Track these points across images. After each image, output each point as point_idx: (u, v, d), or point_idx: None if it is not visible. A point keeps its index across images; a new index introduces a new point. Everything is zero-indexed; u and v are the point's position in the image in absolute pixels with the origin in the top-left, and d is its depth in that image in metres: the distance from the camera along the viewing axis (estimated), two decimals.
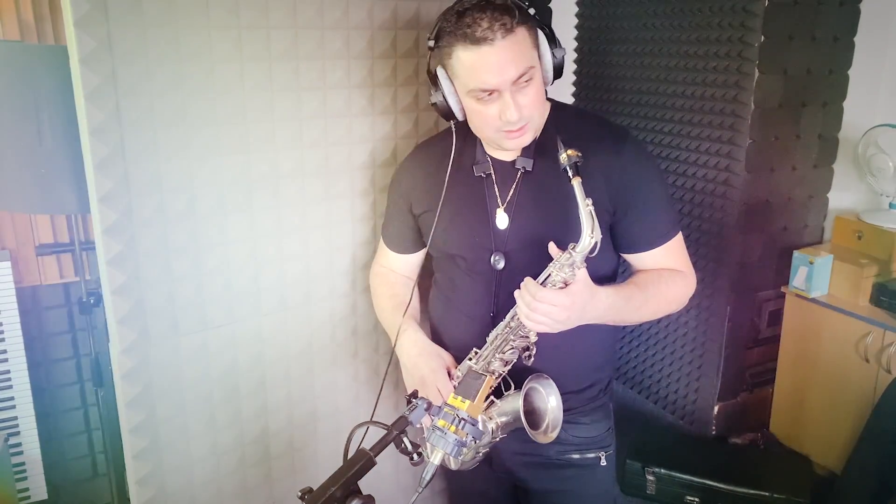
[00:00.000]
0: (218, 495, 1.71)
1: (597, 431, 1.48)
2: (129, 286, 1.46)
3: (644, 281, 1.37)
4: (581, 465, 1.47)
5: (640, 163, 1.36)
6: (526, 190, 1.37)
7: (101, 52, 1.32)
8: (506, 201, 1.38)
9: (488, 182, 1.40)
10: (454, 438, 1.16)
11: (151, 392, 1.55)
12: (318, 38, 1.58)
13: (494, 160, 1.41)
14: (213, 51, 1.45)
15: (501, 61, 1.20)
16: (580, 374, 1.45)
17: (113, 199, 1.40)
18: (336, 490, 1.02)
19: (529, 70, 1.23)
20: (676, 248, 1.41)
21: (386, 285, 1.60)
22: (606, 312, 1.29)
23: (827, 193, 2.90)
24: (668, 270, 1.39)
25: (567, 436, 1.43)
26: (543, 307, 1.19)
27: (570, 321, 1.23)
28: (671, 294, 1.38)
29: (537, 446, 1.39)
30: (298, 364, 1.77)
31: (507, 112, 1.23)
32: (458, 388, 1.26)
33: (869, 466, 2.33)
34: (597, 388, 1.48)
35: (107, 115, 1.35)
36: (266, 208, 1.61)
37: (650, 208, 1.36)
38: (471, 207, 1.42)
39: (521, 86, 1.23)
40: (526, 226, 1.36)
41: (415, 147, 1.58)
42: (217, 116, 1.49)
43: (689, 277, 1.42)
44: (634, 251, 1.40)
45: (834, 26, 2.63)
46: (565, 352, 1.38)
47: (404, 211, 1.53)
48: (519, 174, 1.37)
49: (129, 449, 1.55)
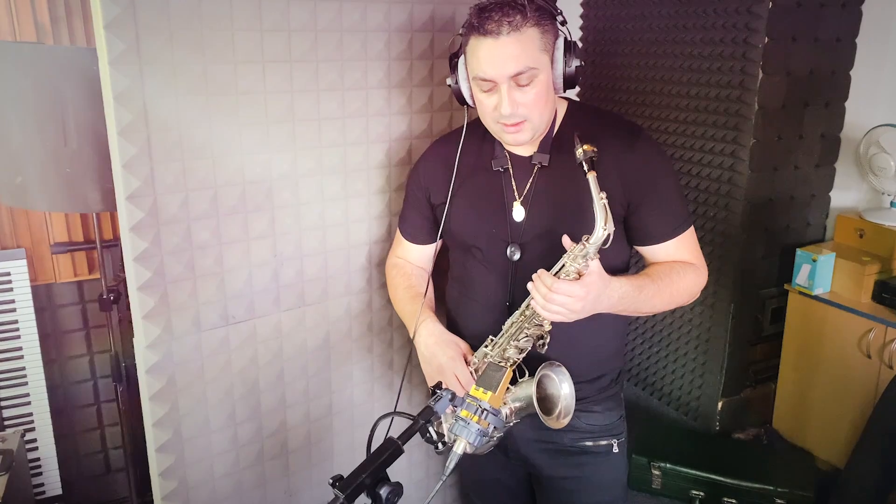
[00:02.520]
0: (237, 487, 1.75)
1: (609, 419, 1.53)
2: (154, 283, 1.50)
3: (656, 272, 1.41)
4: (594, 451, 1.52)
5: (654, 158, 1.41)
6: (542, 184, 1.43)
7: (129, 55, 1.35)
8: (522, 195, 1.43)
9: (506, 176, 1.46)
10: (477, 428, 1.19)
11: (174, 386, 1.58)
12: (336, 40, 1.62)
13: (512, 155, 1.46)
14: (236, 52, 1.49)
15: (502, 56, 1.27)
16: (592, 364, 1.50)
17: (139, 198, 1.44)
18: (366, 477, 1.06)
19: (530, 70, 1.28)
20: (689, 241, 1.45)
21: (402, 276, 1.64)
22: (619, 301, 1.33)
23: (829, 192, 2.93)
24: (679, 263, 1.44)
25: (581, 423, 1.49)
26: (559, 297, 1.24)
27: (584, 310, 1.28)
28: (683, 285, 1.42)
29: (552, 434, 1.43)
30: (315, 359, 1.80)
31: (501, 105, 1.30)
32: (479, 379, 1.30)
33: (871, 461, 2.35)
34: (608, 378, 1.53)
35: (135, 116, 1.39)
36: (286, 206, 1.65)
37: (663, 202, 1.41)
38: (488, 200, 1.47)
39: (521, 83, 1.29)
40: (541, 218, 1.42)
41: (435, 140, 1.64)
42: (239, 116, 1.53)
43: (700, 270, 1.46)
44: (647, 244, 1.44)
45: (836, 28, 2.67)
46: (578, 343, 1.43)
47: (422, 201, 1.58)
48: (535, 169, 1.43)
49: (153, 442, 1.59)
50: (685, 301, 1.46)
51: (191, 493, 1.67)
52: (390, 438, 1.11)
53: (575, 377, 1.41)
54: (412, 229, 1.64)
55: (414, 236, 1.64)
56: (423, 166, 1.59)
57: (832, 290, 2.70)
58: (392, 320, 1.91)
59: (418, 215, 1.60)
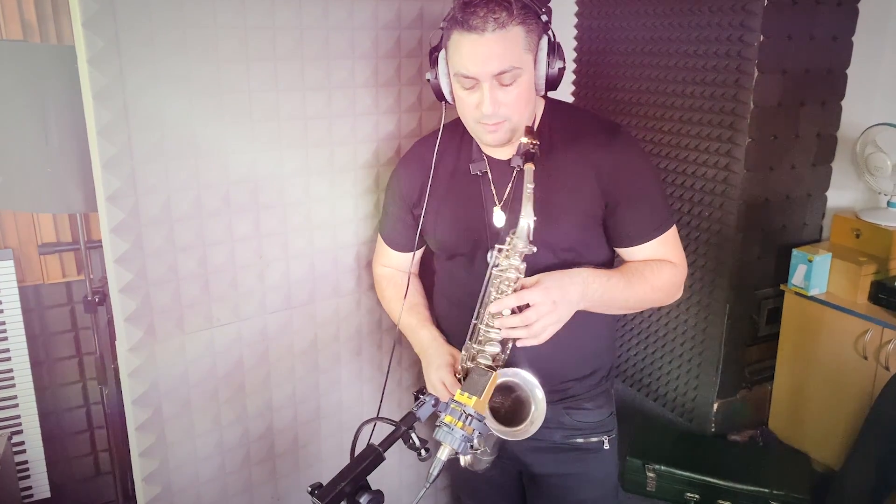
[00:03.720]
0: (223, 492, 1.72)
1: (600, 416, 1.52)
2: (136, 285, 1.47)
3: (627, 267, 1.40)
4: (585, 448, 1.51)
5: (632, 156, 1.39)
6: (522, 188, 1.38)
7: (108, 53, 1.33)
8: (503, 199, 1.41)
9: (484, 180, 1.43)
10: (461, 434, 1.17)
11: (158, 390, 1.56)
12: (322, 38, 1.59)
13: (490, 158, 1.44)
14: (220, 50, 1.46)
15: (486, 53, 1.23)
16: (582, 362, 1.49)
17: (120, 198, 1.41)
18: (346, 485, 1.04)
19: (514, 70, 1.25)
20: (670, 241, 1.42)
21: (394, 288, 1.63)
22: (586, 288, 1.30)
23: (825, 192, 2.92)
24: (655, 260, 1.41)
25: (572, 421, 1.48)
26: (531, 315, 1.23)
27: (562, 309, 1.26)
28: (658, 281, 1.39)
29: (543, 431, 1.41)
30: (303, 362, 1.78)
31: (482, 104, 1.27)
32: (465, 384, 1.27)
33: (868, 463, 2.34)
34: (599, 375, 1.52)
35: (114, 115, 1.36)
36: (271, 207, 1.62)
37: (642, 202, 1.38)
38: (467, 205, 1.45)
39: (504, 83, 1.26)
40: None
41: (413, 144, 1.60)
42: (223, 116, 1.50)
43: (678, 267, 1.43)
44: (627, 245, 1.42)
45: (832, 26, 2.65)
46: (566, 342, 1.39)
47: (403, 208, 1.55)
48: (515, 172, 1.40)
49: (136, 446, 1.56)
50: (664, 299, 1.44)
51: (175, 497, 1.64)
52: (371, 445, 1.09)
53: (565, 376, 1.41)
54: (394, 235, 1.61)
55: (396, 243, 1.61)
56: (402, 170, 1.56)
57: (828, 290, 2.68)
58: (381, 322, 1.89)
59: (399, 221, 1.58)
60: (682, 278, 1.44)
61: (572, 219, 1.38)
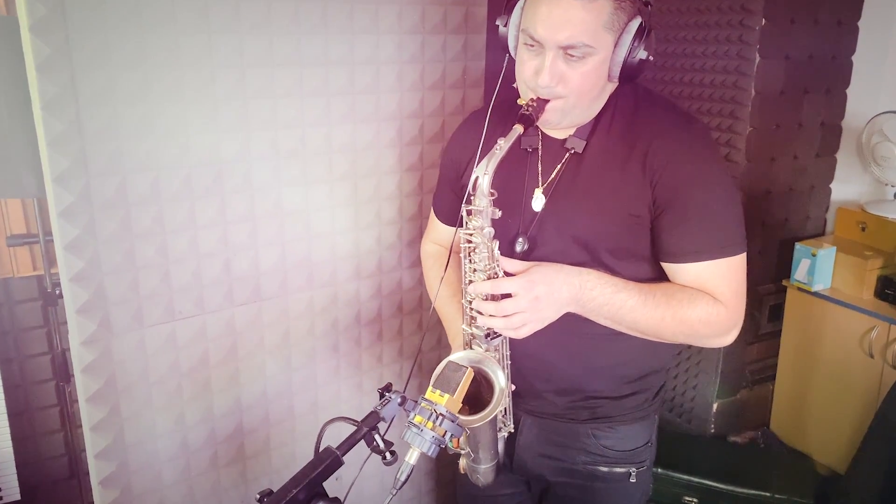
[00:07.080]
0: (189, 496, 1.63)
1: (632, 445, 1.36)
2: (88, 273, 1.37)
3: (656, 286, 1.21)
4: (607, 479, 1.36)
5: (699, 158, 1.20)
6: (571, 173, 1.25)
7: (53, 20, 1.23)
8: (547, 181, 1.27)
9: (532, 158, 1.29)
10: (431, 436, 1.05)
11: (114, 387, 1.46)
12: (292, 9, 1.49)
13: (545, 135, 1.29)
14: (178, 20, 1.36)
15: (560, 19, 1.09)
16: (620, 379, 1.32)
17: (69, 180, 1.31)
18: (299, 492, 0.93)
19: (585, 48, 1.11)
20: (721, 272, 1.20)
21: (440, 267, 1.43)
22: (582, 293, 1.17)
23: (830, 183, 2.84)
24: (696, 289, 1.20)
25: (596, 445, 1.33)
26: (508, 307, 1.13)
27: (543, 305, 1.15)
28: (685, 314, 1.18)
29: (564, 451, 1.32)
30: (274, 358, 1.68)
31: (541, 73, 1.14)
32: (436, 381, 1.16)
33: (875, 466, 2.27)
34: (641, 398, 1.35)
35: (61, 89, 1.26)
36: (237, 192, 1.52)
37: (698, 213, 1.18)
38: (508, 182, 1.28)
39: (572, 58, 1.12)
40: (560, 211, 1.25)
41: (470, 114, 1.48)
42: (183, 92, 1.40)
43: (721, 306, 1.20)
44: (665, 259, 1.22)
45: (837, 10, 2.57)
46: (595, 352, 1.29)
47: (453, 180, 1.43)
48: (567, 155, 1.26)
49: (91, 448, 1.47)
50: (693, 337, 1.23)
51: (135, 501, 1.55)
52: (328, 448, 0.98)
53: (595, 390, 1.28)
54: (442, 205, 1.48)
55: (442, 213, 1.48)
56: (456, 135, 1.43)
57: (833, 286, 2.61)
58: (360, 316, 1.79)
59: (451, 194, 1.44)
60: (722, 320, 1.21)
61: (612, 217, 1.22)
